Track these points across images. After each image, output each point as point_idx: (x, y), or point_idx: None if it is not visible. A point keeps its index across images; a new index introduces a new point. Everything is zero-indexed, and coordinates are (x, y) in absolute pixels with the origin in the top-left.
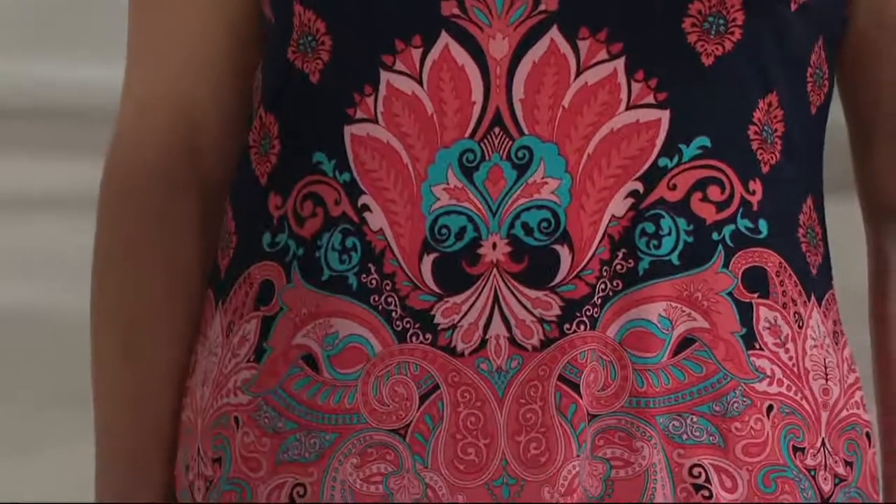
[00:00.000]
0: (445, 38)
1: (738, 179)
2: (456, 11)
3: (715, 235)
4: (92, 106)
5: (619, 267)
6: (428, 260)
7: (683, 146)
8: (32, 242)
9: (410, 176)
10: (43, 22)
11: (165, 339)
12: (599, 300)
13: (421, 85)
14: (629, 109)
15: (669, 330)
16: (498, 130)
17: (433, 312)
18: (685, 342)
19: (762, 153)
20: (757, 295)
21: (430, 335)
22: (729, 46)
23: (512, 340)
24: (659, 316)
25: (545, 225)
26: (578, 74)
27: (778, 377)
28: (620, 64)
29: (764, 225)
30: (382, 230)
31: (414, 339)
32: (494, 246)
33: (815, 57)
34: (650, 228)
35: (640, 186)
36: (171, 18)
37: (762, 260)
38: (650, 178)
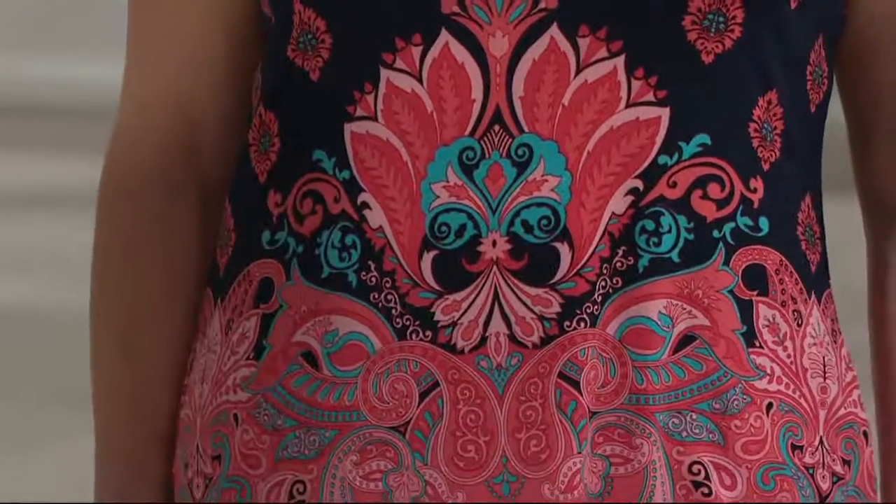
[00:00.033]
0: (445, 35)
1: (738, 177)
2: (456, 9)
3: (715, 233)
4: (92, 104)
5: (619, 264)
6: (428, 257)
7: (683, 144)
8: (33, 240)
9: (410, 174)
10: (43, 21)
11: (165, 338)
12: (599, 297)
13: (421, 83)
14: (629, 107)
15: (670, 327)
16: (498, 128)
17: (433, 310)
18: (686, 339)
19: (762, 151)
20: (757, 292)
21: (429, 332)
22: (729, 44)
23: (512, 338)
24: (659, 313)
25: (545, 222)
26: (578, 72)
27: (777, 375)
28: (620, 62)
29: (764, 222)
30: (382, 228)
31: (414, 336)
32: (494, 243)
33: (814, 55)
34: (650, 226)
35: (640, 184)
36: (169, 19)
37: (762, 257)
38: (650, 175)
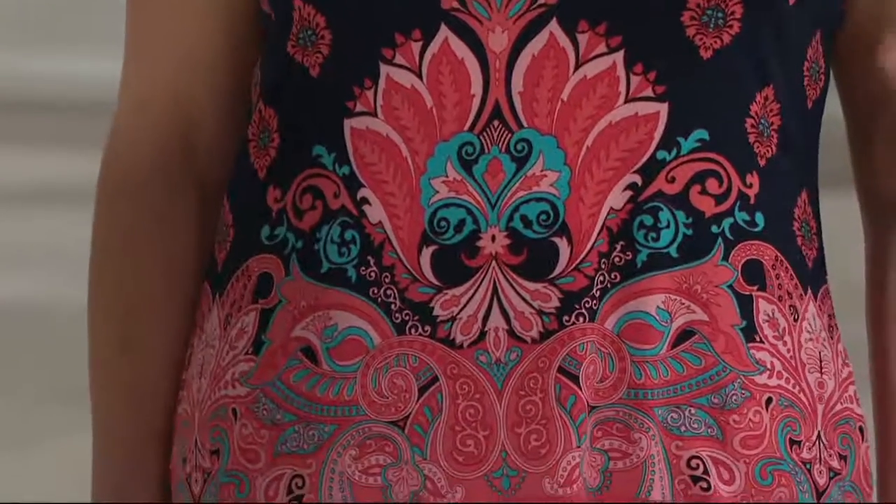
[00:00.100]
0: (445, 31)
1: (735, 172)
2: (455, 5)
3: (714, 228)
4: (92, 100)
5: (617, 259)
6: (427, 252)
7: (682, 139)
8: (32, 236)
9: (409, 169)
10: (43, 17)
11: (163, 331)
12: (598, 292)
13: (420, 78)
14: (628, 102)
15: (668, 322)
16: (497, 123)
17: (432, 305)
18: (684, 334)
19: (759, 146)
20: (756, 287)
21: (429, 327)
22: (727, 40)
23: (511, 333)
24: (657, 308)
25: (544, 217)
26: (577, 67)
27: (777, 370)
28: (619, 57)
29: (760, 218)
30: (381, 223)
31: (413, 331)
32: (493, 238)
33: (811, 51)
34: (648, 221)
35: (638, 179)
36: (168, 17)
37: (759, 253)
38: (648, 170)
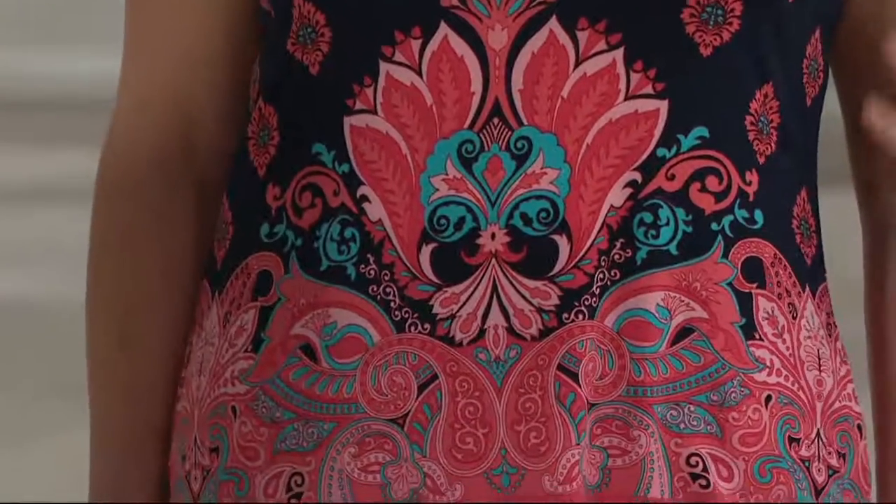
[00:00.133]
0: (445, 29)
1: (735, 170)
2: (455, 2)
3: (714, 225)
4: (91, 98)
5: (616, 257)
6: (427, 250)
7: (682, 136)
8: (31, 233)
9: (409, 167)
10: (43, 15)
11: (161, 329)
12: (598, 290)
13: (420, 76)
14: (628, 100)
15: (667, 319)
16: (497, 121)
17: (432, 302)
18: (683, 332)
19: (759, 144)
20: (755, 285)
21: (428, 325)
22: (727, 37)
23: (510, 330)
24: (657, 305)
25: (544, 215)
26: (577, 65)
27: (777, 367)
28: (619, 54)
29: (760, 215)
30: (381, 221)
31: (412, 328)
32: (493, 236)
33: (810, 49)
34: (648, 218)
35: (638, 176)
36: (166, 15)
37: (758, 250)
38: (648, 168)
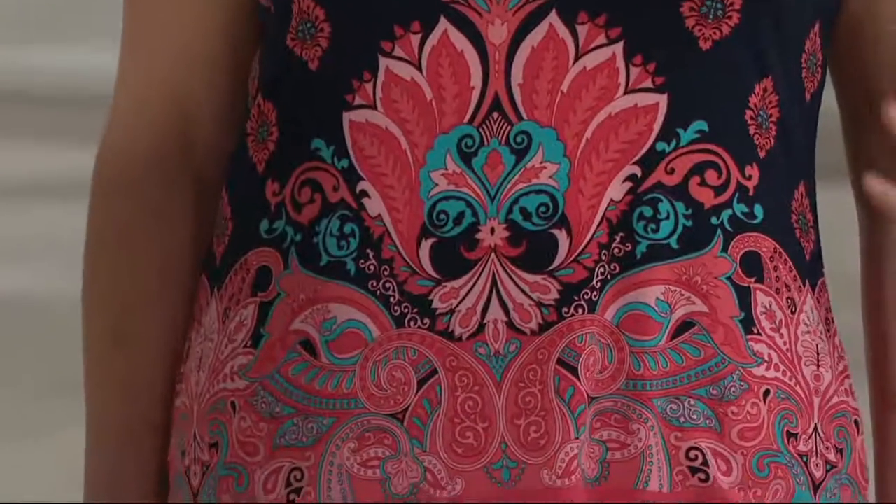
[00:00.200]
0: (444, 23)
1: (734, 164)
2: None
3: (713, 219)
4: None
5: (616, 250)
6: (426, 245)
7: (681, 130)
8: (31, 229)
9: (409, 162)
10: (42, 11)
11: (158, 325)
12: (598, 284)
13: (420, 71)
14: (627, 94)
15: (668, 313)
16: (497, 115)
17: (431, 297)
18: (684, 326)
19: (758, 138)
20: (754, 279)
21: (427, 320)
22: (726, 31)
23: (510, 325)
24: (657, 299)
25: (543, 209)
26: (577, 59)
27: (775, 362)
28: (619, 48)
29: (759, 210)
30: (381, 216)
31: (412, 324)
32: (493, 231)
33: (809, 43)
34: (648, 212)
35: (637, 170)
36: (164, 11)
37: (757, 245)
38: (648, 162)
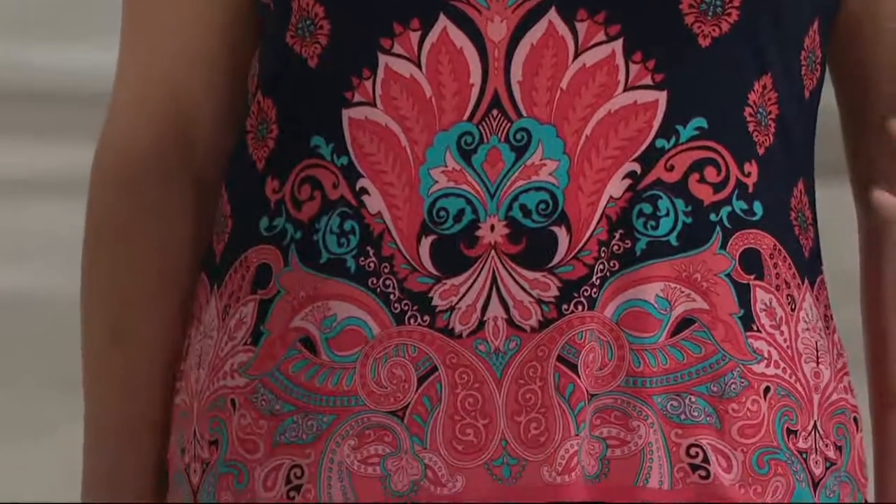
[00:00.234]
0: (444, 21)
1: (733, 161)
2: None
3: (713, 216)
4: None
5: (616, 247)
6: (426, 242)
7: (680, 127)
8: (31, 226)
9: (409, 159)
10: (42, 8)
11: (156, 322)
12: (597, 281)
13: (419, 68)
14: (627, 91)
15: (667, 310)
16: (496, 113)
17: (431, 294)
18: (684, 323)
19: (757, 135)
20: (754, 276)
21: (428, 317)
22: (726, 28)
23: (510, 322)
24: (656, 296)
25: (543, 206)
26: (576, 56)
27: (774, 359)
28: (618, 45)
29: (758, 207)
30: (381, 213)
31: (412, 321)
32: (492, 228)
33: (808, 41)
34: (647, 209)
35: (637, 167)
36: (163, 10)
37: (757, 242)
38: (647, 159)
